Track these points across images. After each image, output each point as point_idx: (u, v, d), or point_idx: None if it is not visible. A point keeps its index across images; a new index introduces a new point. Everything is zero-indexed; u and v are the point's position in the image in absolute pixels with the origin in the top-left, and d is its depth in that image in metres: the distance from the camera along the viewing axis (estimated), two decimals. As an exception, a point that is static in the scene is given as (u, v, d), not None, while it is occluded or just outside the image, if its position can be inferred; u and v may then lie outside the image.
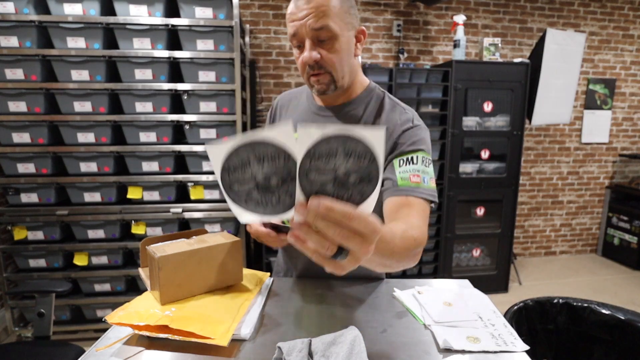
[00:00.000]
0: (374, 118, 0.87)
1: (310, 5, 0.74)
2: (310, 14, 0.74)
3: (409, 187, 0.78)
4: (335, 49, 0.78)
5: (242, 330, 0.70)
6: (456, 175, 2.74)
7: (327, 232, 0.38)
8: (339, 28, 0.77)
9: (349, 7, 0.79)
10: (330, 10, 0.75)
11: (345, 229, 0.38)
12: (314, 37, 0.77)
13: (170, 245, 0.79)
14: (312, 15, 0.74)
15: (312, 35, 0.77)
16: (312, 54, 0.77)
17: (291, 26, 0.78)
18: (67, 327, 2.18)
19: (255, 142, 0.39)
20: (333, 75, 0.81)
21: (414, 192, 0.77)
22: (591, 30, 3.36)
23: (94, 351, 0.66)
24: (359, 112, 0.88)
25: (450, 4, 3.13)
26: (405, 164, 0.80)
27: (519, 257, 3.66)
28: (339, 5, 0.77)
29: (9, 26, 1.89)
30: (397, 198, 0.78)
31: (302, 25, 0.76)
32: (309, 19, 0.75)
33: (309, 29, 0.76)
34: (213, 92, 2.05)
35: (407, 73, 2.65)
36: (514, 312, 1.07)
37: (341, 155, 0.38)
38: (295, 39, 0.79)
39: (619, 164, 3.66)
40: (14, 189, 2.04)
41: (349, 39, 0.81)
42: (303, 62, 0.79)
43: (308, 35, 0.77)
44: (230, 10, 2.00)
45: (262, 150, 0.39)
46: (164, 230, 2.15)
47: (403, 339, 0.71)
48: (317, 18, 0.75)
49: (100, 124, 2.02)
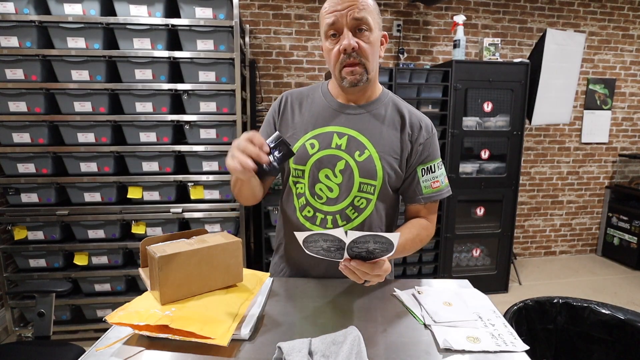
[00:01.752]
0: (398, 121, 0.95)
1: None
2: (352, 5, 0.82)
3: (430, 194, 0.96)
4: (370, 41, 0.85)
5: (242, 330, 0.70)
6: (456, 175, 2.74)
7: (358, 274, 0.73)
8: (373, 24, 0.86)
9: (379, 11, 0.90)
10: (369, 6, 0.85)
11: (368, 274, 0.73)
12: (354, 26, 0.83)
13: (170, 245, 0.79)
14: (354, 6, 0.82)
15: (352, 25, 0.83)
16: (352, 40, 0.83)
17: (330, 16, 0.84)
18: (67, 327, 2.18)
19: (322, 234, 0.69)
20: (366, 67, 0.87)
21: (434, 197, 0.97)
22: (591, 30, 3.36)
23: (94, 351, 0.66)
24: (382, 112, 0.95)
25: (450, 4, 3.13)
26: (427, 172, 0.95)
27: (519, 257, 3.66)
28: (373, 5, 0.87)
29: (9, 26, 1.89)
30: (419, 206, 0.98)
31: (343, 15, 0.82)
32: (351, 9, 0.82)
33: (350, 18, 0.82)
34: (213, 92, 2.05)
35: (407, 73, 2.65)
36: (514, 312, 1.07)
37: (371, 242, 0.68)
38: (333, 27, 0.84)
39: (618, 164, 3.66)
40: (14, 189, 2.04)
41: (378, 37, 0.89)
42: (343, 48, 0.84)
43: (348, 25, 0.83)
44: (230, 10, 2.00)
45: (326, 237, 0.70)
46: (164, 230, 2.15)
47: (403, 339, 0.71)
48: (359, 10, 0.82)
49: (101, 124, 2.02)
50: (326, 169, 0.91)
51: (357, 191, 0.91)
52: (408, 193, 0.98)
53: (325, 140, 0.92)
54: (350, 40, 0.82)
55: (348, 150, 0.91)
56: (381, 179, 0.91)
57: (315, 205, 0.93)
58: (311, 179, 0.93)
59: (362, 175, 0.91)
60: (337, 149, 0.91)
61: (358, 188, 0.91)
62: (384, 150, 0.91)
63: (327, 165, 0.91)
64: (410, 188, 0.97)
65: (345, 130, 0.92)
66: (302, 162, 0.92)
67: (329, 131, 0.92)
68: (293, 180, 0.96)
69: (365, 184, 0.91)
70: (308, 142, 0.92)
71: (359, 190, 0.91)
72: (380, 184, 0.92)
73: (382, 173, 0.91)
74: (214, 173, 2.13)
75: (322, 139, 0.92)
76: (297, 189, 0.96)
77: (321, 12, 0.88)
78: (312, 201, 0.93)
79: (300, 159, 0.93)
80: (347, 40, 0.82)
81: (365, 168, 0.90)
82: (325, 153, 0.91)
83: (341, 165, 0.91)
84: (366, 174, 0.90)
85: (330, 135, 0.92)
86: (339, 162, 0.91)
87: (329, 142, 0.92)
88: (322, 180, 0.92)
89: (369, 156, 0.90)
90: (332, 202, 0.92)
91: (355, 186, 0.91)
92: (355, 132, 0.92)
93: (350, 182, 0.91)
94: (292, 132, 0.95)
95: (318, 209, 0.93)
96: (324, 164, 0.91)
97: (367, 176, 0.90)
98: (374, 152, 0.91)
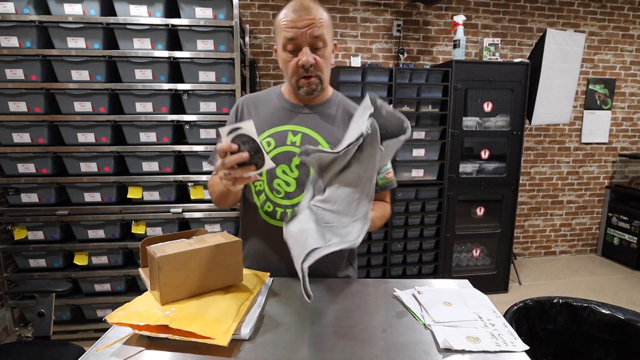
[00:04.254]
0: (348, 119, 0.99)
1: (310, 17, 0.88)
2: (311, 24, 0.88)
3: (385, 184, 1.04)
4: (325, 56, 0.94)
5: (242, 330, 0.70)
6: (456, 175, 2.74)
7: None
8: (328, 39, 0.93)
9: (331, 23, 0.96)
10: (325, 21, 0.91)
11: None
12: (312, 44, 0.90)
13: (170, 245, 0.79)
14: (312, 25, 0.88)
15: (310, 42, 0.90)
16: (310, 57, 0.90)
17: (289, 31, 0.89)
18: (67, 327, 2.18)
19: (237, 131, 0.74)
20: (321, 78, 0.96)
21: (388, 187, 1.06)
22: (591, 31, 3.36)
23: (94, 351, 0.66)
24: (333, 112, 1.03)
25: (450, 4, 3.13)
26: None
27: (518, 257, 3.66)
28: (328, 20, 0.93)
29: (9, 26, 1.89)
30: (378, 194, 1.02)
31: (303, 34, 0.89)
32: (310, 28, 0.88)
33: (309, 36, 0.89)
34: (213, 92, 2.05)
35: (407, 73, 2.65)
36: (514, 312, 1.07)
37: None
38: (292, 43, 0.90)
39: (618, 164, 3.66)
40: (14, 189, 2.04)
41: (332, 49, 0.97)
42: (300, 64, 0.91)
43: (307, 42, 0.90)
44: (230, 10, 2.00)
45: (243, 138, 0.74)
46: (164, 230, 2.15)
47: (403, 339, 0.71)
48: (317, 28, 0.89)
49: (101, 124, 2.02)
50: (283, 164, 0.98)
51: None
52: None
53: (280, 138, 0.99)
54: (309, 57, 0.90)
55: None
56: None
57: (275, 200, 0.99)
58: (269, 175, 0.99)
59: None
60: (292, 146, 0.98)
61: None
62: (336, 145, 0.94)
63: (283, 161, 0.98)
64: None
65: (299, 129, 0.99)
66: None
67: (284, 130, 0.99)
68: None
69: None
70: (264, 141, 0.99)
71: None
72: None
73: None
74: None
75: (278, 137, 0.99)
76: (255, 187, 1.02)
77: (279, 21, 0.92)
78: (272, 196, 0.99)
79: None
80: (306, 57, 0.90)
81: None
82: (281, 150, 0.98)
83: (297, 160, 0.97)
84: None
85: (285, 134, 0.99)
86: (294, 157, 0.98)
87: (284, 140, 0.99)
88: (280, 176, 0.98)
89: None
90: (290, 195, 0.98)
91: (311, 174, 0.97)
92: (309, 130, 0.99)
93: (306, 176, 0.95)
94: None
95: (278, 203, 0.99)
96: (280, 160, 0.97)
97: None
98: (327, 147, 0.98)
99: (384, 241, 2.76)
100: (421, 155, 2.71)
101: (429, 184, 2.76)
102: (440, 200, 2.77)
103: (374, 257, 2.78)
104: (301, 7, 0.89)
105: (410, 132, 0.84)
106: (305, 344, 0.70)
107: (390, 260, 2.79)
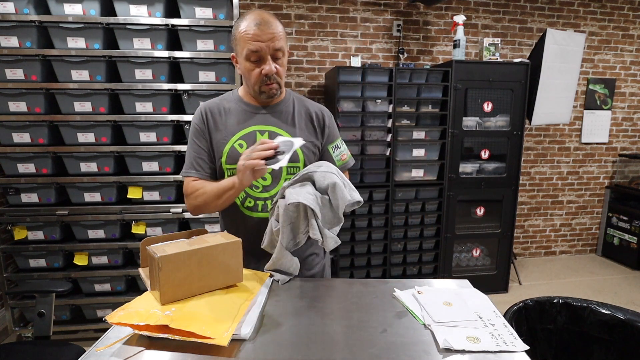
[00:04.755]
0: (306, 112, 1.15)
1: (271, 31, 0.99)
2: (273, 37, 1.00)
3: (343, 165, 1.18)
4: (283, 64, 1.07)
5: (242, 330, 0.70)
6: (456, 175, 2.74)
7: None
8: (285, 48, 1.06)
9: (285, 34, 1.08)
10: (282, 33, 1.03)
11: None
12: (273, 55, 1.02)
13: (170, 245, 0.79)
14: (274, 38, 1.00)
15: (272, 54, 1.02)
16: (272, 67, 1.02)
17: (254, 44, 0.99)
18: (67, 327, 2.18)
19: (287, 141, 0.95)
20: (280, 84, 1.08)
21: (346, 167, 1.20)
22: (591, 31, 3.36)
23: (94, 351, 0.66)
24: (290, 109, 1.15)
25: (450, 4, 3.13)
26: (335, 149, 1.18)
27: (518, 257, 3.66)
28: (284, 32, 1.06)
29: (9, 26, 1.89)
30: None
31: (266, 46, 0.99)
32: (272, 42, 1.00)
33: (272, 49, 1.00)
34: (213, 92, 2.05)
35: (407, 73, 2.64)
36: (514, 312, 1.07)
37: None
38: (256, 55, 1.01)
39: (618, 164, 3.66)
40: (14, 189, 2.04)
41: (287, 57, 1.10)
42: (264, 73, 1.02)
43: (269, 53, 1.01)
44: (230, 10, 2.00)
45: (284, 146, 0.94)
46: (164, 230, 2.15)
47: (403, 339, 0.71)
48: (278, 40, 1.01)
49: (100, 124, 2.02)
50: None
51: (286, 174, 1.10)
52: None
53: (250, 138, 1.08)
54: (271, 66, 1.02)
55: None
56: (302, 160, 1.10)
57: (254, 195, 1.09)
58: None
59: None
60: None
61: (286, 172, 1.10)
62: (300, 137, 1.08)
63: None
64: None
65: (264, 128, 1.10)
66: (234, 161, 1.04)
67: (252, 130, 1.09)
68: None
69: (291, 167, 1.09)
70: (237, 143, 1.08)
71: (287, 174, 1.10)
72: (302, 165, 1.10)
73: (303, 156, 1.10)
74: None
75: (248, 138, 1.08)
76: None
77: (240, 33, 1.00)
78: (251, 192, 1.09)
79: (232, 159, 1.06)
80: (269, 67, 1.01)
81: None
82: None
83: None
84: (290, 159, 1.04)
85: (254, 133, 1.09)
86: None
87: (254, 139, 1.08)
88: None
89: None
90: (267, 188, 1.09)
91: (284, 170, 1.09)
92: (273, 127, 1.10)
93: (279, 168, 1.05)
94: (220, 138, 1.09)
95: (257, 197, 1.09)
96: None
97: (291, 160, 1.05)
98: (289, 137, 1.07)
99: (384, 241, 2.76)
100: (421, 155, 2.71)
101: (429, 184, 2.76)
102: (440, 200, 2.77)
103: (374, 257, 2.78)
104: (262, 21, 0.99)
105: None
106: (305, 344, 0.70)
107: (390, 260, 2.80)
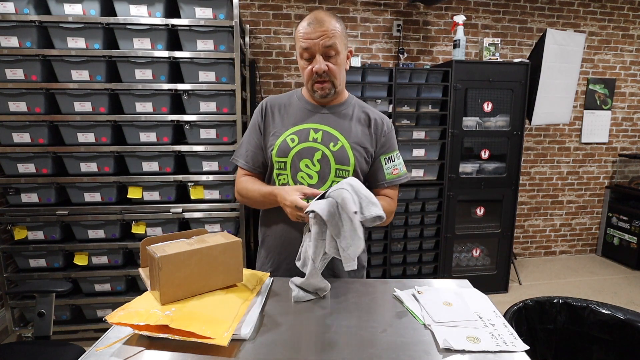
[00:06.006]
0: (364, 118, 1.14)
1: (323, 29, 1.00)
2: (323, 35, 0.99)
3: (392, 180, 1.15)
4: (337, 63, 1.04)
5: (242, 330, 0.71)
6: (456, 175, 2.74)
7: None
8: (340, 47, 1.03)
9: (346, 32, 1.07)
10: (337, 31, 1.02)
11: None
12: (324, 53, 1.01)
13: (170, 245, 0.79)
14: (324, 36, 0.99)
15: (323, 52, 1.01)
16: (322, 65, 1.01)
17: (304, 42, 1.01)
18: (67, 327, 2.18)
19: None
20: (334, 83, 1.06)
21: (395, 182, 1.16)
22: (591, 31, 3.36)
23: (94, 351, 0.66)
24: (349, 112, 1.14)
25: (450, 4, 3.13)
26: (389, 161, 1.15)
27: (518, 257, 3.66)
28: (340, 30, 1.04)
29: (9, 26, 1.89)
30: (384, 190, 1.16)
31: (316, 44, 1.00)
32: (322, 39, 1.00)
33: (322, 46, 1.00)
34: (213, 92, 2.05)
35: (407, 73, 2.65)
36: (514, 312, 1.07)
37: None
38: (307, 52, 1.02)
39: (618, 164, 3.66)
40: (14, 189, 2.04)
41: (345, 56, 1.08)
42: (314, 70, 1.02)
43: (320, 51, 1.01)
44: (230, 10, 2.00)
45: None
46: (164, 230, 2.15)
47: (403, 339, 0.71)
48: (329, 38, 1.00)
49: (100, 124, 2.02)
50: (306, 159, 1.07)
51: (334, 176, 1.08)
52: (373, 178, 1.16)
53: (303, 135, 1.08)
54: (321, 64, 1.01)
55: (323, 142, 1.08)
56: (353, 165, 1.08)
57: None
58: (293, 169, 1.08)
59: (338, 162, 1.08)
60: (314, 142, 1.08)
61: (335, 174, 1.08)
62: (354, 141, 1.10)
63: (306, 155, 1.07)
64: (375, 174, 1.16)
65: (319, 127, 1.09)
66: (284, 155, 1.07)
67: (306, 127, 1.09)
68: (277, 172, 1.11)
69: (340, 170, 1.08)
70: (289, 137, 1.08)
71: (336, 176, 1.08)
72: (352, 169, 1.09)
73: (354, 160, 1.08)
74: (214, 173, 2.13)
75: (300, 134, 1.08)
76: (279, 181, 1.10)
77: (297, 32, 1.04)
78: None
79: (282, 152, 1.08)
80: (318, 65, 1.01)
81: (339, 156, 1.07)
82: (304, 145, 1.07)
83: (318, 155, 1.07)
84: (340, 161, 1.08)
85: (307, 131, 1.09)
86: (316, 152, 1.07)
87: (306, 136, 1.08)
88: (303, 169, 1.07)
89: (342, 146, 1.08)
90: (312, 187, 1.05)
91: (332, 172, 1.07)
92: (329, 128, 1.10)
93: (328, 168, 1.07)
94: (275, 131, 1.11)
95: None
96: (303, 155, 1.07)
97: (341, 163, 1.08)
98: (345, 143, 1.08)
99: (384, 241, 2.76)
100: (421, 155, 2.71)
101: (429, 184, 2.76)
102: (440, 200, 2.77)
103: (374, 257, 2.78)
104: (315, 20, 1.00)
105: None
106: (305, 344, 0.70)
107: (390, 260, 2.80)
